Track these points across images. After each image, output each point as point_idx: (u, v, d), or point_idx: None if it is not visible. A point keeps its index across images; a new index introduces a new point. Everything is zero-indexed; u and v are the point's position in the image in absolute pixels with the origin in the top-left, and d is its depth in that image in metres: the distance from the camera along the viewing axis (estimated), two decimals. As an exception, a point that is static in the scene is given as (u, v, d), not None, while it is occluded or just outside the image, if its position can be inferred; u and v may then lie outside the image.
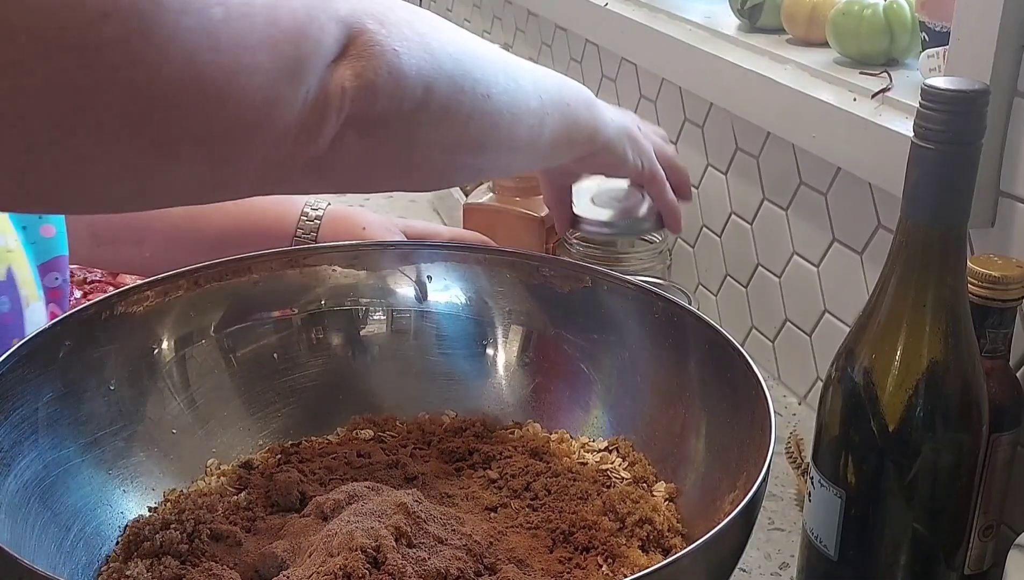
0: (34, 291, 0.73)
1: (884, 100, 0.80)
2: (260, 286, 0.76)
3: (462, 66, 0.55)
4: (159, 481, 0.68)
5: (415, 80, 0.51)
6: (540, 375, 0.77)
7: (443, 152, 0.57)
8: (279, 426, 0.75)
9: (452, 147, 0.57)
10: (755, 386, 0.61)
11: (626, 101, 1.22)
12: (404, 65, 0.50)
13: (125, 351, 0.69)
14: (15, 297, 0.71)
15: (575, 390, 0.76)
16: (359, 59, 0.48)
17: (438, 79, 0.53)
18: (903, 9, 0.86)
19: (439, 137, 0.55)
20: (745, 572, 0.74)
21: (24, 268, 0.72)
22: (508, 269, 0.78)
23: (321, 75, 0.46)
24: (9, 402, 0.61)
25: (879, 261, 0.61)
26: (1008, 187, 0.70)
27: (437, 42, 0.53)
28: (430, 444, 0.73)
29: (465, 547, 0.59)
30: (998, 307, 0.63)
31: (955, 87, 0.53)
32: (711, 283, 1.08)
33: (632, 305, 0.73)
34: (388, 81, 0.49)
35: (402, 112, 0.51)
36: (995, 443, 0.64)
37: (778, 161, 0.94)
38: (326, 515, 0.62)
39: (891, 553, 0.60)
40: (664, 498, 0.67)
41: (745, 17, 1.01)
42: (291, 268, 0.77)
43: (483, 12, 1.69)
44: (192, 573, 0.58)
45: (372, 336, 0.79)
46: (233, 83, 0.42)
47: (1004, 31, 0.67)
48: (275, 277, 0.77)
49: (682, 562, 0.50)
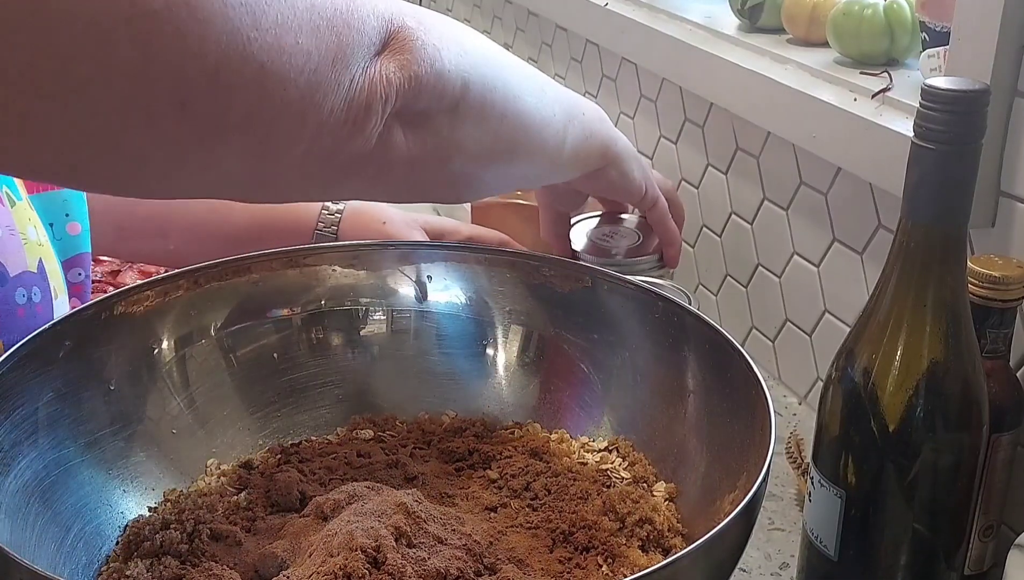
0: (61, 284, 0.74)
1: (884, 100, 0.80)
2: (260, 286, 0.76)
3: (492, 67, 0.56)
4: (159, 481, 0.68)
5: (454, 76, 0.52)
6: (540, 375, 0.77)
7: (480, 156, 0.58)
8: (279, 426, 0.75)
9: (488, 150, 0.58)
10: (755, 386, 0.61)
11: (626, 101, 1.22)
12: (445, 60, 0.51)
13: (125, 351, 0.69)
14: (46, 288, 0.71)
15: (575, 390, 0.76)
16: (402, 52, 0.49)
17: (473, 77, 0.54)
18: (903, 9, 0.86)
19: (477, 137, 0.56)
20: (745, 572, 0.74)
21: (52, 261, 0.73)
22: (508, 269, 0.78)
23: (365, 66, 0.47)
24: (9, 402, 0.61)
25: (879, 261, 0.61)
26: (1008, 187, 0.70)
27: (470, 43, 0.55)
28: (430, 444, 0.73)
29: (465, 547, 0.59)
30: (998, 307, 0.63)
31: (955, 87, 0.53)
32: (711, 283, 1.08)
33: (632, 305, 0.73)
34: (430, 75, 0.50)
35: (443, 108, 0.53)
36: (995, 443, 0.64)
37: (778, 161, 0.94)
38: (326, 515, 0.62)
39: (891, 553, 0.60)
40: (664, 498, 0.67)
41: (745, 17, 1.01)
42: (291, 268, 0.77)
43: (483, 12, 1.69)
44: (192, 573, 0.58)
45: (372, 336, 0.79)
46: (277, 63, 0.42)
47: (1004, 31, 0.67)
48: (275, 277, 0.77)
49: (682, 562, 0.50)
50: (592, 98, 1.31)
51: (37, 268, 0.71)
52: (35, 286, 0.71)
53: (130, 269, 1.16)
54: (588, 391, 0.75)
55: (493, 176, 0.62)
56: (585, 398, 0.75)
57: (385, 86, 0.48)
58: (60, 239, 0.77)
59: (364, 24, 0.47)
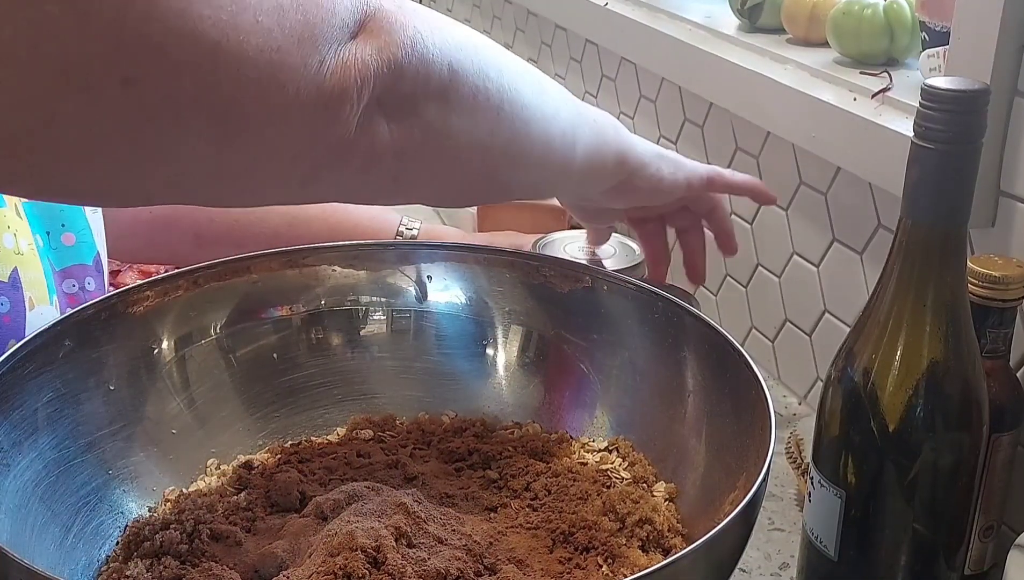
0: (43, 294, 0.73)
1: (884, 100, 0.80)
2: (260, 286, 0.76)
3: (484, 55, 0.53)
4: (159, 481, 0.68)
5: (439, 58, 0.49)
6: (540, 375, 0.77)
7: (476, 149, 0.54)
8: (279, 426, 0.75)
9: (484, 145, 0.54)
10: (755, 386, 0.61)
11: (626, 101, 1.22)
12: (427, 42, 0.48)
13: (125, 351, 0.69)
14: (17, 299, 0.71)
15: (575, 390, 0.76)
16: (380, 34, 0.47)
17: (462, 62, 0.51)
18: (903, 9, 0.86)
19: (470, 128, 0.53)
20: (745, 572, 0.74)
21: (34, 271, 0.73)
22: (508, 269, 0.78)
23: (338, 49, 0.44)
24: (9, 402, 0.61)
25: (879, 261, 0.61)
26: (1008, 187, 0.70)
27: (458, 31, 0.51)
28: (430, 444, 0.73)
29: (465, 547, 0.59)
30: (998, 307, 0.63)
31: (955, 87, 0.53)
32: (711, 283, 1.08)
33: (632, 305, 0.73)
34: (411, 57, 0.48)
35: (430, 94, 0.49)
36: (995, 443, 0.64)
37: (778, 161, 0.94)
38: (326, 515, 0.62)
39: (891, 553, 0.60)
40: (664, 498, 0.67)
41: (745, 17, 1.01)
42: (291, 268, 0.77)
43: (483, 12, 1.69)
44: (192, 573, 0.58)
45: (372, 336, 0.79)
46: (233, 42, 0.40)
47: (1004, 31, 0.67)
48: (275, 277, 0.77)
49: (682, 562, 0.50)
50: (592, 98, 1.31)
51: (8, 277, 0.71)
52: (3, 296, 0.71)
53: (130, 269, 1.16)
54: (588, 391, 0.75)
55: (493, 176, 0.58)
56: (585, 398, 0.75)
57: (360, 69, 0.45)
58: (56, 249, 0.77)
59: (336, 4, 0.44)
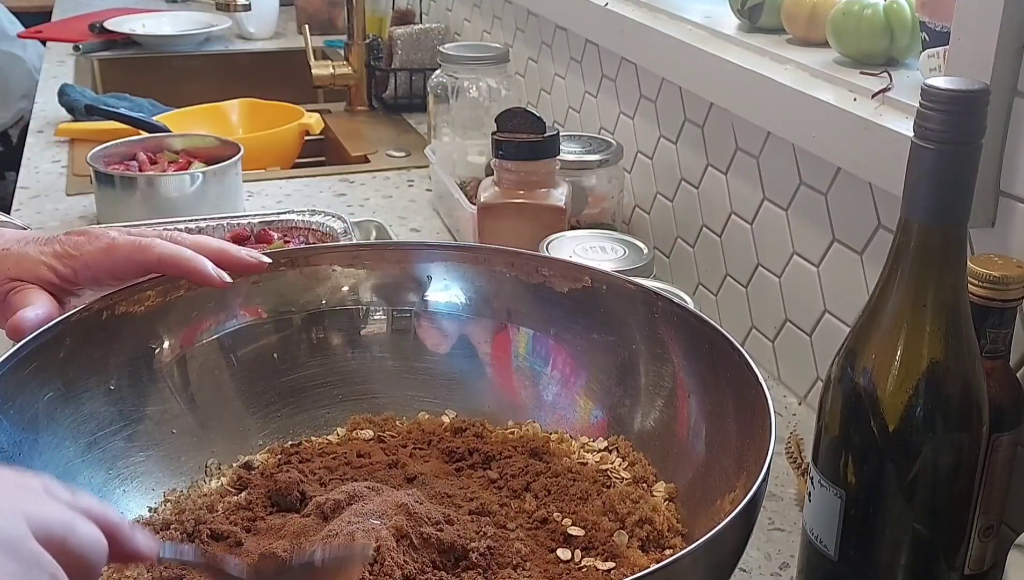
0: None
1: (884, 100, 0.80)
2: (260, 286, 0.76)
3: None
4: (159, 481, 0.68)
5: None
6: (540, 375, 0.77)
7: None
8: (279, 426, 0.75)
9: None
10: (755, 386, 0.61)
11: (626, 101, 1.22)
12: None
13: (125, 351, 0.69)
14: None
15: (575, 390, 0.76)
16: None
17: None
18: (903, 9, 0.86)
19: None
20: (745, 572, 0.74)
21: None
22: (508, 269, 0.78)
23: None
24: (9, 402, 0.61)
25: (879, 261, 0.61)
26: (1008, 187, 0.70)
27: None
28: (430, 444, 0.73)
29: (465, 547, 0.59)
30: (998, 307, 0.63)
31: (955, 87, 0.53)
32: (711, 283, 1.08)
33: (632, 305, 0.73)
34: None
35: None
36: (995, 443, 0.64)
37: (778, 161, 0.94)
38: (326, 515, 0.62)
39: (891, 553, 0.60)
40: (664, 498, 0.67)
41: (745, 17, 1.01)
42: (291, 268, 0.77)
43: (483, 12, 1.69)
44: (192, 573, 0.58)
45: (372, 336, 0.79)
46: None
47: (1004, 31, 0.67)
48: (275, 277, 0.76)
49: (682, 562, 0.50)
50: (592, 98, 1.31)
51: None
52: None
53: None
54: (588, 391, 0.75)
55: None
56: (585, 398, 0.75)
57: None
58: None
59: None
